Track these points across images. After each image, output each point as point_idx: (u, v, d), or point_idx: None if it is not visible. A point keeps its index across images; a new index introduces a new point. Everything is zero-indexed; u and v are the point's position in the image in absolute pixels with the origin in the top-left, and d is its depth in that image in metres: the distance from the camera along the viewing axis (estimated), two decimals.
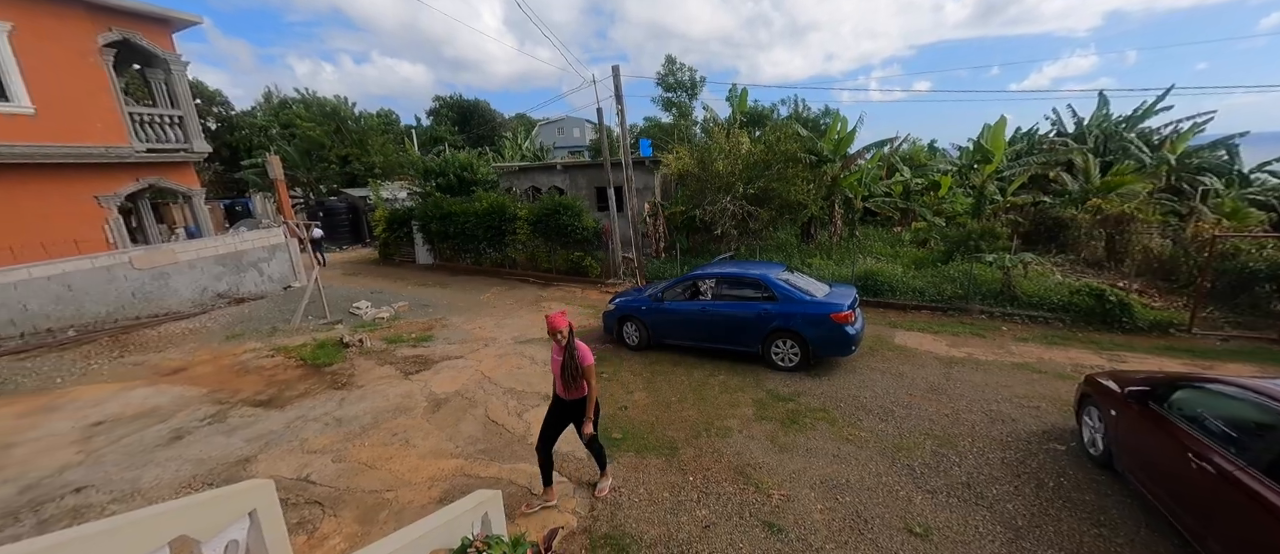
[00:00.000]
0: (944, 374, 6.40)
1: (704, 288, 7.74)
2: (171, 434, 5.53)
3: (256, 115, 30.69)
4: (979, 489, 4.07)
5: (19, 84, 8.82)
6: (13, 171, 8.98)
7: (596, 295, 11.61)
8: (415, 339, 8.76)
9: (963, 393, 5.83)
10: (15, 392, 6.90)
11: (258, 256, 11.90)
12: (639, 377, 6.76)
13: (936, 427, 5.09)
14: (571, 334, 3.68)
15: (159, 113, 10.92)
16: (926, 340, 7.71)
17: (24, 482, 4.69)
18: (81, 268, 8.97)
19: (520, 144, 26.94)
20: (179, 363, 7.86)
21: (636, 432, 5.25)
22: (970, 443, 4.76)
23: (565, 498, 4.15)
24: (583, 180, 16.42)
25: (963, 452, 4.62)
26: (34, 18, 8.92)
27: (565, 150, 38.64)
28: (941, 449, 4.67)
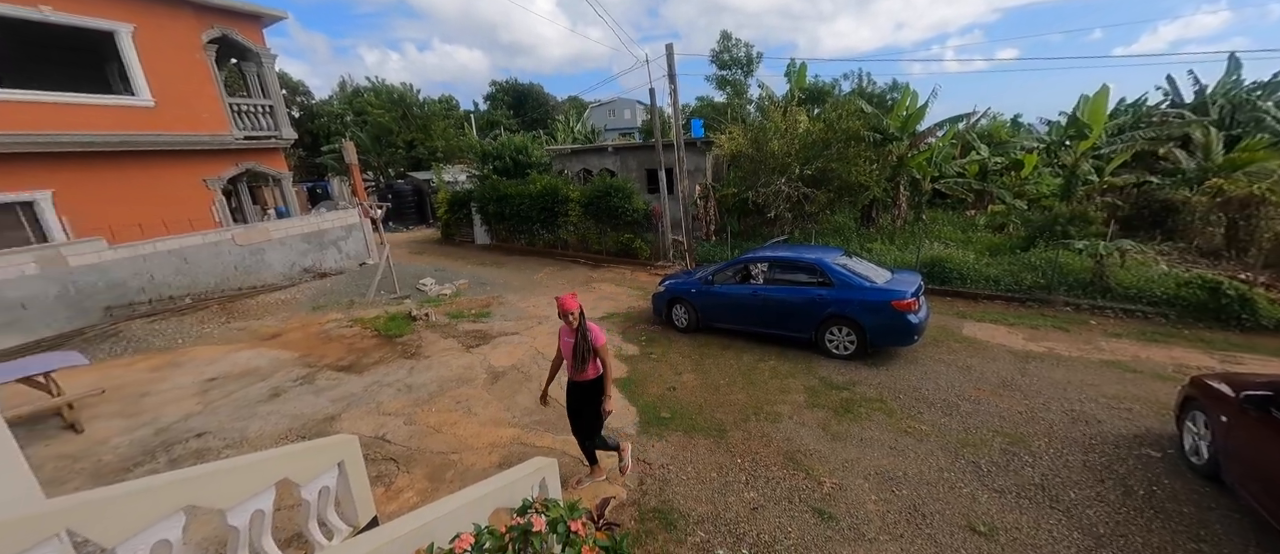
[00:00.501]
0: (1018, 369, 5.94)
1: (755, 272, 7.59)
2: (270, 392, 6.23)
3: (333, 104, 33.04)
4: (1054, 492, 3.78)
5: (141, 79, 10.00)
6: (140, 158, 10.26)
7: (645, 277, 11.69)
8: (475, 315, 9.25)
9: (1040, 390, 5.39)
10: (147, 349, 8.01)
11: (337, 235, 12.96)
12: (688, 358, 6.79)
13: (1007, 424, 4.76)
14: (582, 315, 3.71)
15: (253, 103, 12.03)
16: (999, 333, 7.16)
17: (157, 425, 5.48)
18: (194, 243, 10.17)
19: (572, 127, 27.28)
20: (274, 329, 8.78)
21: (685, 412, 5.30)
22: (1046, 443, 4.42)
23: (614, 473, 4.29)
24: (633, 162, 16.42)
25: (1037, 452, 4.30)
26: (151, 18, 10.03)
27: (616, 132, 38.72)
28: (1012, 448, 4.37)
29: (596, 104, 43.88)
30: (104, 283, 8.99)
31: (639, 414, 5.32)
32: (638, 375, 6.32)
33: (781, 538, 3.44)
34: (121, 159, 10.01)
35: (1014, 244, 10.28)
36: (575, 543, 1.99)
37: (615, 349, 7.25)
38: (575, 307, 3.66)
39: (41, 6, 8.61)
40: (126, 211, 10.08)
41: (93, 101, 9.67)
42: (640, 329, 8.13)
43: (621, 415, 5.30)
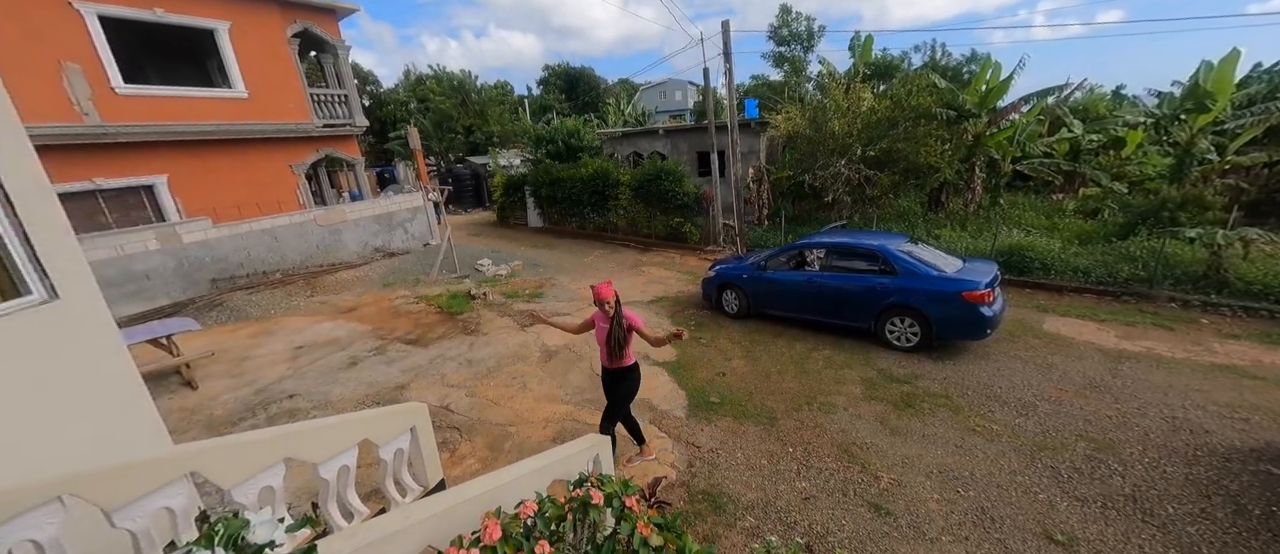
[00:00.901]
0: (1109, 369, 5.39)
1: (811, 258, 7.32)
2: (349, 360, 6.81)
3: (398, 92, 34.84)
4: (1148, 505, 3.44)
5: (237, 73, 11.00)
6: (236, 145, 11.35)
7: (695, 262, 11.60)
8: (529, 295, 9.59)
9: (1135, 393, 4.88)
10: (246, 318, 8.97)
11: (403, 218, 13.79)
12: (738, 345, 6.70)
13: (1093, 428, 4.35)
14: (618, 303, 3.67)
15: (329, 92, 12.93)
16: (1087, 329, 6.51)
17: (257, 386, 6.15)
18: (283, 223, 11.18)
19: (623, 109, 27.23)
20: (351, 304, 9.54)
21: (734, 398, 5.26)
22: (1140, 451, 4.01)
23: (664, 453, 4.35)
24: (684, 145, 16.19)
25: (1128, 460, 3.91)
26: (244, 15, 10.96)
27: (666, 114, 38.26)
28: (1098, 454, 4.00)
29: (647, 86, 43.48)
30: (210, 258, 10.11)
31: (687, 398, 5.33)
32: (686, 360, 6.33)
33: (835, 530, 3.37)
34: (221, 146, 11.11)
35: (1109, 231, 9.25)
36: (630, 518, 2.04)
37: None
38: (610, 294, 3.63)
39: (156, 8, 9.63)
40: (225, 194, 11.22)
41: (199, 94, 10.77)
42: (689, 314, 8.10)
43: (670, 398, 5.35)
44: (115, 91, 9.36)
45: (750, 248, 11.74)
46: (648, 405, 5.21)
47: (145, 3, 9.52)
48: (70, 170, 9.15)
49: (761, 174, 12.74)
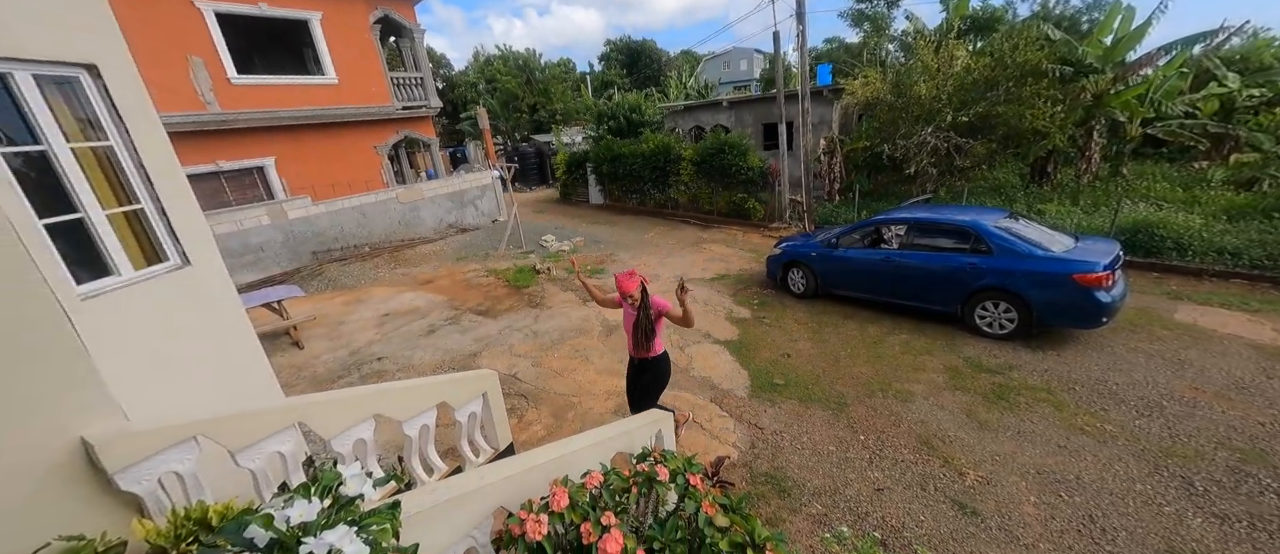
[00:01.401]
0: (1261, 369, 4.55)
1: (889, 235, 6.77)
2: (428, 328, 7.32)
3: (468, 73, 36.22)
4: None
5: (329, 60, 11.90)
6: (328, 128, 12.37)
7: (758, 239, 11.19)
8: (590, 271, 9.75)
9: None
10: (340, 287, 9.91)
11: (474, 195, 14.47)
12: (804, 326, 6.41)
13: (1239, 436, 3.70)
14: (644, 293, 3.45)
15: (407, 76, 13.67)
16: (1233, 320, 5.52)
17: (351, 348, 6.80)
18: (370, 201, 12.14)
19: (684, 82, 26.51)
20: (429, 276, 10.23)
21: (799, 381, 5.05)
22: None
23: (726, 432, 4.28)
24: (749, 117, 15.48)
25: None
26: (333, 5, 11.77)
27: (730, 86, 36.81)
28: (1244, 465, 3.41)
29: (710, 57, 41.95)
30: (311, 232, 11.22)
31: (750, 378, 5.20)
32: (749, 339, 6.15)
33: (911, 525, 3.15)
34: (317, 129, 12.16)
35: (1270, 205, 7.72)
36: (694, 496, 2.00)
37: (725, 312, 7.12)
38: (633, 287, 3.39)
39: (260, 3, 10.58)
40: (322, 174, 12.33)
41: (298, 82, 11.80)
42: (752, 292, 7.86)
43: (731, 377, 5.24)
44: (231, 81, 10.48)
45: (819, 225, 11.12)
46: (708, 384, 5.15)
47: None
48: (197, 154, 10.43)
49: (834, 145, 11.92)
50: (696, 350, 5.94)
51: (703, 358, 5.73)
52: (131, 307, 2.64)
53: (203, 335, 3.07)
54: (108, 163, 2.68)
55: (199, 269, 3.04)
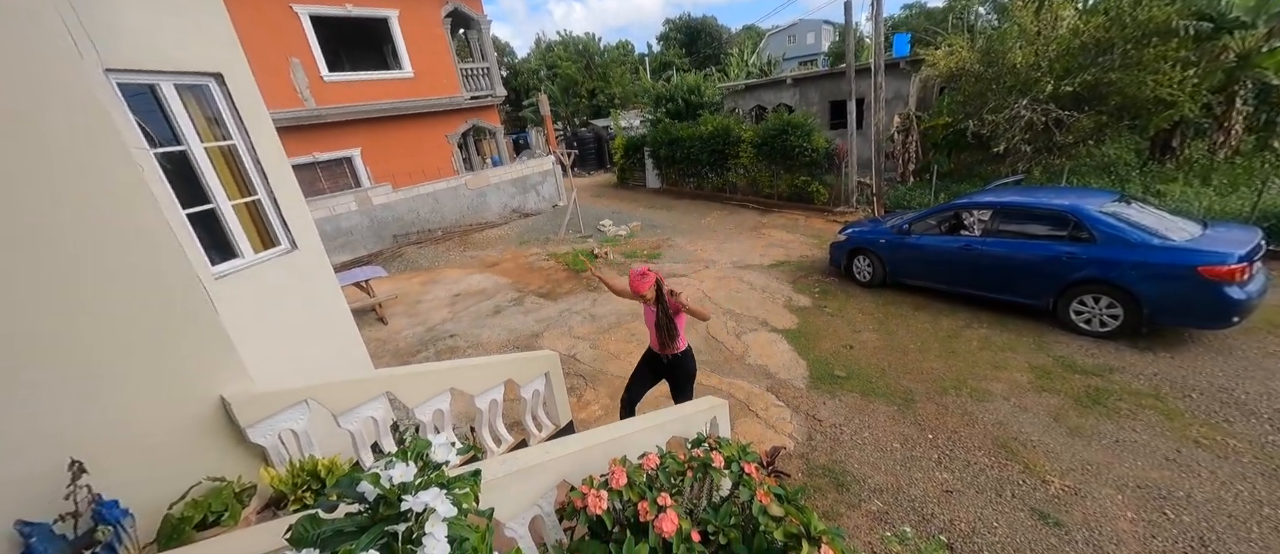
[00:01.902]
0: None
1: (970, 221, 6.26)
2: (494, 308, 7.78)
3: (530, 61, 37.14)
4: None
5: (405, 55, 12.70)
6: (405, 120, 13.27)
7: (822, 224, 10.71)
8: (646, 256, 9.84)
9: None
10: (417, 268, 10.72)
11: (536, 181, 14.98)
12: (869, 316, 6.11)
13: None
14: (660, 289, 3.22)
15: (474, 66, 14.28)
16: None
17: (426, 325, 7.38)
18: (442, 188, 12.94)
19: (746, 60, 25.54)
20: (494, 259, 10.80)
21: (863, 373, 4.85)
22: None
23: (782, 423, 4.22)
24: (815, 94, 14.71)
25: None
26: (408, 2, 12.47)
27: (795, 61, 35.01)
28: None
29: (774, 31, 40.05)
30: (391, 217, 12.18)
31: (809, 368, 5.06)
32: (809, 329, 5.97)
33: (983, 532, 2.97)
34: (395, 121, 13.08)
35: None
36: (748, 484, 2.02)
37: (785, 300, 6.93)
38: (646, 287, 3.19)
39: (346, 4, 11.45)
40: (399, 163, 13.29)
41: (379, 77, 12.72)
42: (813, 280, 7.58)
43: (789, 367, 5.13)
44: (323, 79, 11.50)
45: (889, 209, 10.45)
46: (764, 373, 5.08)
47: (339, 1, 11.36)
48: (297, 147, 11.60)
49: (909, 122, 11.06)
50: (753, 338, 5.86)
51: (759, 346, 5.65)
52: (252, 285, 3.04)
53: (307, 311, 3.48)
54: (231, 159, 3.08)
55: (304, 252, 3.43)
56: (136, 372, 1.99)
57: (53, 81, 1.71)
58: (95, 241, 1.82)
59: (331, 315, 3.69)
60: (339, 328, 3.76)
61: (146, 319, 1.98)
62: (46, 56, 1.69)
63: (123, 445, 1.96)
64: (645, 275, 3.21)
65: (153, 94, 2.68)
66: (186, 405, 2.16)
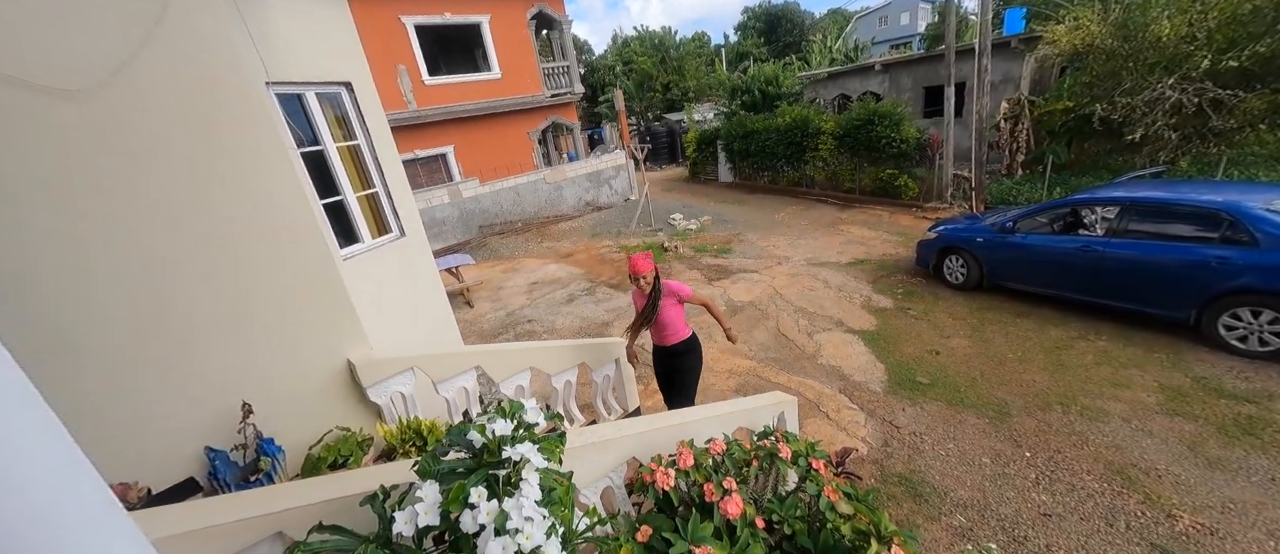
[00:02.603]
0: None
1: (1092, 219, 5.53)
2: (567, 297, 8.17)
3: (606, 57, 37.92)
4: None
5: (494, 57, 13.60)
6: (493, 118, 14.22)
7: (908, 221, 9.96)
8: (716, 250, 9.77)
9: None
10: (499, 257, 11.51)
11: (609, 175, 15.38)
12: (960, 321, 5.63)
13: None
14: (657, 279, 3.22)
15: (555, 65, 14.92)
16: None
17: (507, 310, 7.94)
18: (523, 182, 13.74)
19: (829, 46, 24.16)
20: (568, 250, 11.30)
21: (949, 381, 4.51)
22: None
23: (855, 426, 4.06)
24: (907, 80, 13.64)
25: None
26: (499, 7, 13.34)
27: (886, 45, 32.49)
28: None
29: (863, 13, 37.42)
30: (477, 209, 13.16)
31: (887, 372, 4.80)
32: (889, 331, 5.64)
33: None
34: (484, 120, 14.07)
35: None
36: (816, 479, 2.01)
37: (863, 300, 6.58)
38: (647, 269, 3.16)
39: (445, 12, 12.48)
40: (485, 158, 14.29)
41: (471, 79, 13.75)
42: (897, 280, 7.11)
43: (865, 369, 4.90)
44: (424, 83, 12.66)
45: (990, 205, 9.46)
46: (837, 373, 4.89)
47: (438, 9, 12.42)
48: (401, 145, 12.84)
49: (1020, 108, 9.90)
50: (826, 338, 5.65)
51: (833, 346, 5.44)
52: (369, 266, 3.50)
53: (412, 291, 3.93)
54: (356, 157, 3.55)
55: (411, 240, 3.87)
56: (289, 335, 2.41)
57: (233, 93, 2.11)
58: (262, 227, 2.23)
59: (431, 296, 4.13)
60: (436, 308, 4.21)
61: (297, 292, 2.39)
62: (229, 72, 2.10)
63: (278, 394, 2.39)
64: (648, 257, 3.21)
65: (298, 101, 3.17)
66: (322, 365, 2.57)
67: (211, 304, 2.13)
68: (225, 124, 2.09)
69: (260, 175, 2.23)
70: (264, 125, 2.23)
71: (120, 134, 1.79)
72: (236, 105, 2.12)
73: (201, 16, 1.95)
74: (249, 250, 2.17)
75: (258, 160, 2.20)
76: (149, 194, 1.88)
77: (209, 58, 1.99)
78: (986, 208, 9.31)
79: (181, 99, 1.91)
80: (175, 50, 1.88)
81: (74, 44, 1.65)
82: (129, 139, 1.82)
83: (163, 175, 1.92)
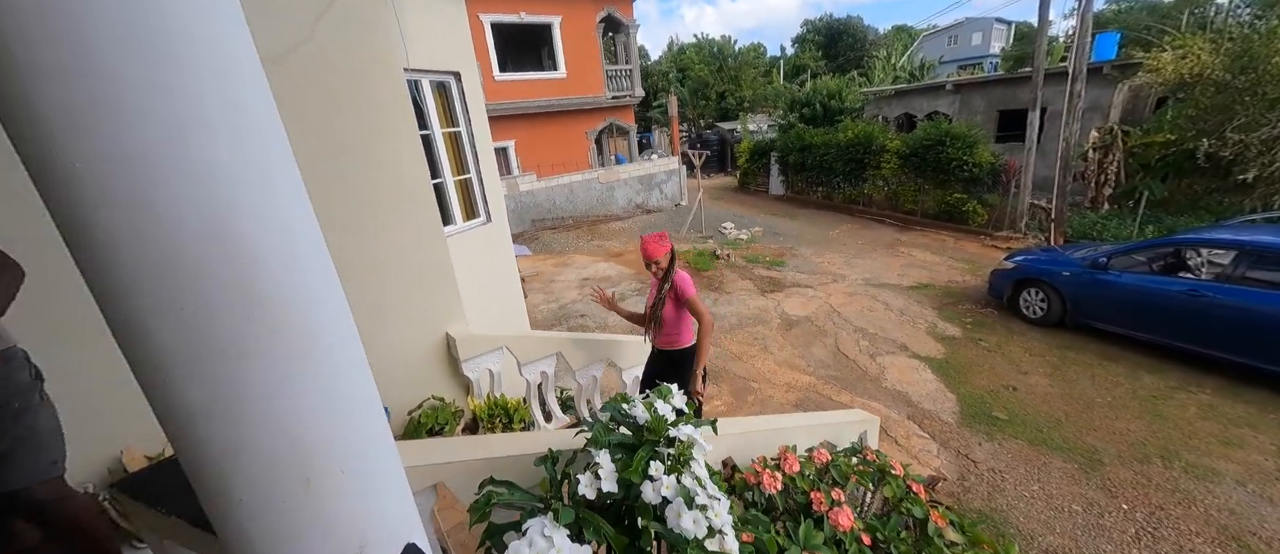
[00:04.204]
0: None
1: (1197, 262, 5.12)
2: (619, 295, 8.25)
3: (660, 63, 38.16)
4: None
5: (561, 57, 13.96)
6: (554, 116, 14.59)
7: (976, 248, 9.49)
8: (769, 262, 9.63)
9: None
10: (551, 251, 11.76)
11: (660, 179, 15.46)
12: (1039, 358, 5.31)
13: None
14: (671, 266, 2.73)
15: (618, 68, 15.15)
16: None
17: (559, 303, 8.10)
18: (577, 180, 14.01)
19: (893, 63, 23.41)
20: (618, 250, 11.42)
21: (1029, 420, 4.25)
22: None
23: (926, 454, 3.90)
24: (980, 102, 13.03)
25: None
26: (570, 9, 13.71)
27: (954, 65, 31.17)
28: None
29: (930, 32, 36.08)
30: (532, 203, 13.51)
31: (959, 403, 4.58)
32: (959, 360, 5.38)
33: None
34: (545, 117, 14.46)
35: None
36: (917, 503, 1.95)
37: (928, 326, 6.32)
38: (660, 253, 2.70)
39: (520, 11, 12.94)
40: (543, 155, 14.66)
41: (537, 77, 14.17)
42: (965, 308, 6.78)
43: (934, 398, 4.69)
44: (494, 79, 13.13)
45: (1070, 239, 8.89)
46: (903, 399, 4.72)
47: (515, 8, 12.90)
48: None
49: (1112, 138, 9.27)
50: (890, 361, 5.46)
51: (898, 370, 5.24)
52: (461, 247, 3.67)
53: (492, 275, 4.08)
54: (456, 143, 3.73)
55: (495, 225, 4.03)
56: (403, 301, 2.55)
57: (385, 76, 2.27)
58: (397, 200, 2.38)
59: (507, 282, 4.28)
60: (511, 293, 4.35)
61: (415, 262, 2.54)
62: (384, 56, 2.26)
63: (389, 357, 2.54)
64: (663, 238, 2.75)
65: (414, 87, 3.37)
66: (427, 335, 2.71)
67: (353, 256, 2.28)
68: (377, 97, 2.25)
69: (396, 146, 2.39)
70: (403, 102, 2.39)
71: (301, 96, 1.96)
72: (386, 82, 2.28)
73: (364, 3, 2.12)
74: (384, 214, 2.33)
75: (396, 132, 2.36)
76: (326, 141, 2.04)
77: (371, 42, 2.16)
78: (1066, 241, 8.75)
79: (346, 72, 2.08)
80: (341, 31, 2.05)
81: (267, 21, 1.84)
82: (307, 99, 1.99)
83: (329, 129, 2.09)
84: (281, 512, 0.59)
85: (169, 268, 0.50)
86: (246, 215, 0.54)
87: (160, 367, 0.52)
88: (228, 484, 0.57)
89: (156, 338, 0.51)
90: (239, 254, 0.53)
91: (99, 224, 0.48)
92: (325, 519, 0.62)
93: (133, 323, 0.51)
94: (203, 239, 0.50)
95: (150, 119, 0.47)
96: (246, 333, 0.54)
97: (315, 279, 0.61)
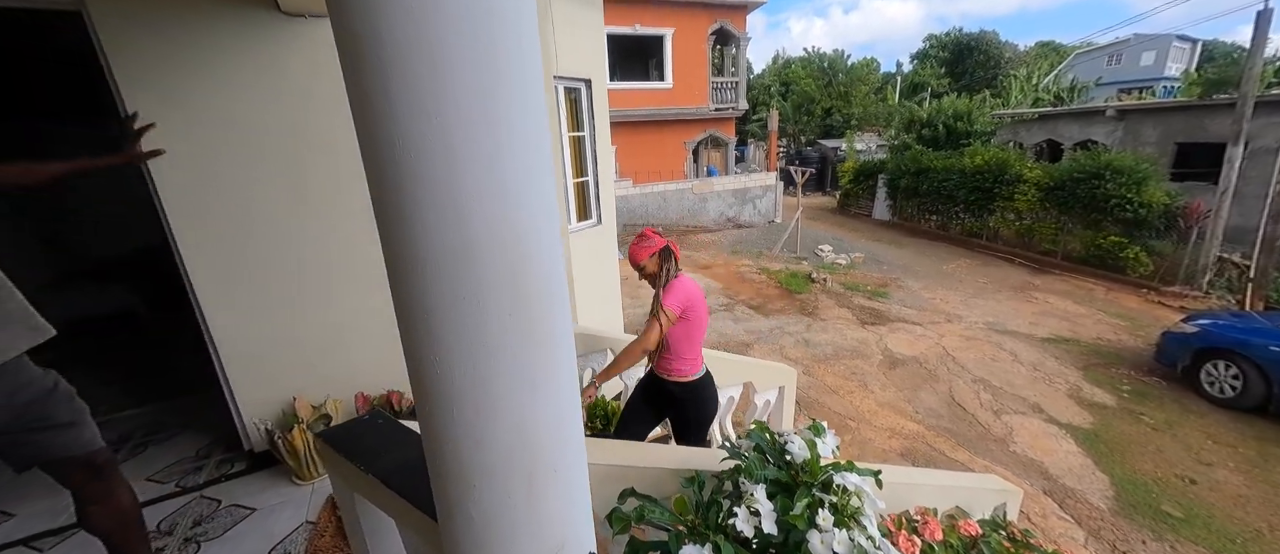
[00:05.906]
0: None
1: None
2: None
3: (763, 77, 37.35)
4: None
5: (669, 69, 14.19)
6: (656, 125, 14.84)
7: (1135, 303, 8.01)
8: (870, 292, 8.91)
9: None
10: None
11: (755, 194, 15.06)
12: (1229, 448, 4.30)
13: None
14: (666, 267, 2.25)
15: (724, 80, 15.06)
16: None
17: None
18: (670, 189, 14.10)
19: (1034, 84, 20.68)
20: (707, 262, 11.27)
21: (1216, 524, 3.44)
22: None
23: (1069, 542, 3.31)
24: (1152, 131, 11.04)
25: None
26: (683, 22, 13.91)
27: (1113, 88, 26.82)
28: None
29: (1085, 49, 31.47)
30: (625, 208, 13.81)
31: (1114, 486, 3.84)
32: (1113, 436, 4.53)
33: None
34: (647, 125, 14.75)
35: None
36: None
37: (1069, 387, 5.41)
38: (644, 256, 2.27)
39: (635, 24, 13.37)
40: (641, 161, 14.95)
41: (644, 86, 14.53)
42: (1120, 373, 5.72)
43: (1078, 475, 3.99)
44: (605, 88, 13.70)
45: (1271, 304, 7.19)
46: (1037, 468, 4.07)
47: (630, 21, 13.36)
48: None
49: None
50: (1018, 422, 4.76)
51: (1030, 435, 4.54)
52: (575, 246, 3.80)
53: (598, 276, 4.18)
54: (578, 147, 3.89)
55: (605, 228, 4.13)
56: None
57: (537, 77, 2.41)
58: None
59: (610, 284, 4.36)
60: (611, 293, 4.43)
61: None
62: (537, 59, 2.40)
63: None
64: (645, 239, 2.29)
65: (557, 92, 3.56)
66: None
67: None
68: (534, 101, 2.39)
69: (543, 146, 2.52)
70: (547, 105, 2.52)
71: None
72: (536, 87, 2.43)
73: None
74: None
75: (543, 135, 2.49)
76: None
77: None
78: (1267, 307, 7.09)
79: None
80: None
81: None
82: None
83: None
84: (505, 506, 0.60)
85: (458, 255, 0.52)
86: (520, 205, 0.55)
87: (437, 350, 0.54)
88: (466, 471, 0.58)
89: (438, 320, 0.53)
90: (510, 245, 0.54)
91: (413, 208, 0.51)
92: (538, 518, 0.62)
93: (420, 307, 0.54)
94: (490, 225, 0.52)
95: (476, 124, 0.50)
96: (507, 326, 0.55)
97: (556, 280, 0.61)
